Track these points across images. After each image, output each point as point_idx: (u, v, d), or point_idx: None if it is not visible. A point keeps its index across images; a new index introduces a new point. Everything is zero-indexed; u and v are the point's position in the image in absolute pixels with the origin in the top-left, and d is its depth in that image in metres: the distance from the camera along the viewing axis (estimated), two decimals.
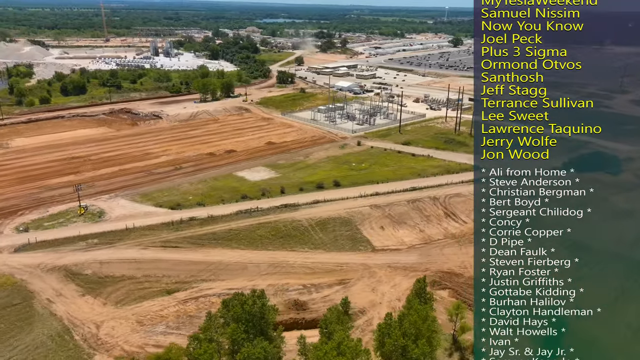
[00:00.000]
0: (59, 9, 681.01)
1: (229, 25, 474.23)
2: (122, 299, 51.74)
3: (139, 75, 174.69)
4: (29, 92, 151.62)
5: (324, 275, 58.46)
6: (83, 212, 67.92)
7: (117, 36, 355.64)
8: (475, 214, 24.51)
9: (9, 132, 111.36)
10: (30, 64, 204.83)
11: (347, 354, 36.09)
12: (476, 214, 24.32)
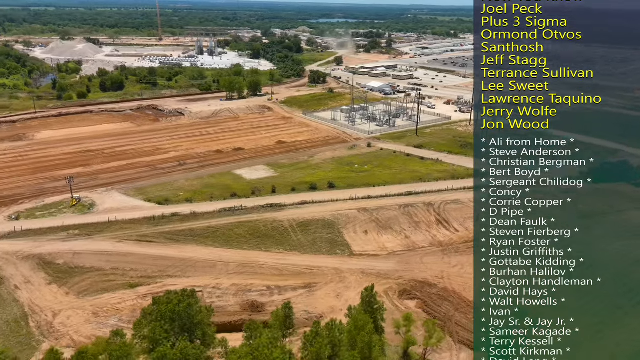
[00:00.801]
0: (126, 9, 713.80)
1: (282, 25, 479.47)
2: (85, 289, 53.05)
3: (175, 73, 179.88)
4: (70, 87, 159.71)
5: (291, 278, 57.49)
6: (75, 203, 70.36)
7: (172, 35, 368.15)
8: (475, 182, 25.26)
9: (39, 125, 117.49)
10: (80, 61, 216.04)
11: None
12: (476, 182, 25.00)
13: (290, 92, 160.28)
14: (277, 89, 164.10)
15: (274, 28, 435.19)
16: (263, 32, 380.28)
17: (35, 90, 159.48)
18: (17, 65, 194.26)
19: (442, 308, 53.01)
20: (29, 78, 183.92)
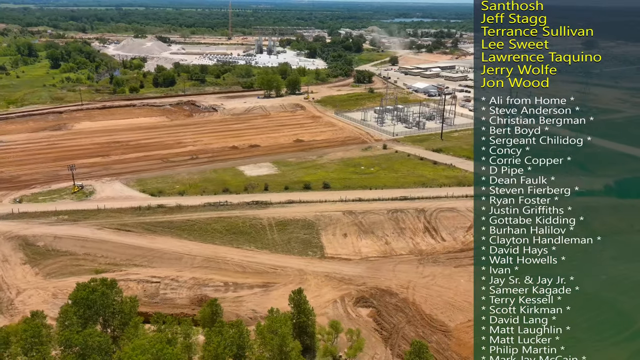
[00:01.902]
0: (210, 9, 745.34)
1: (353, 25, 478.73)
2: (54, 272, 56.06)
3: (224, 70, 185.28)
4: (125, 82, 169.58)
5: (252, 276, 57.32)
6: (76, 190, 74.55)
7: (242, 35, 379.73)
8: (475, 144, 25.20)
9: (83, 116, 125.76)
10: (145, 58, 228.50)
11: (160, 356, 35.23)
12: (476, 145, 25.04)
13: (330, 92, 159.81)
14: (319, 88, 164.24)
15: (344, 28, 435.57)
16: (329, 32, 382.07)
17: (95, 84, 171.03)
18: (86, 60, 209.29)
19: (394, 319, 50.51)
20: (95, 72, 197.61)
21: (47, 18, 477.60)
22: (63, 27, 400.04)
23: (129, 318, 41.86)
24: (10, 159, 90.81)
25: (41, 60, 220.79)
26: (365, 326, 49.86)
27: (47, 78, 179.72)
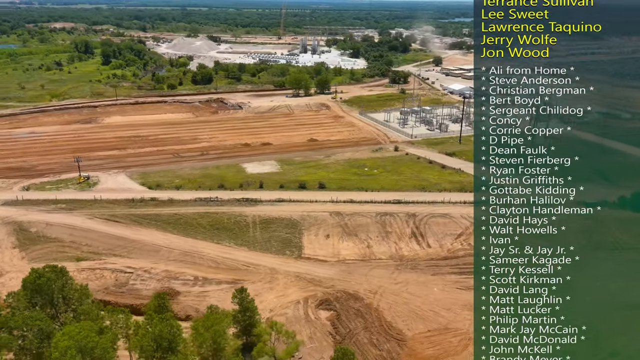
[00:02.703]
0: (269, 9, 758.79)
1: (408, 25, 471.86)
2: (39, 257, 58.92)
3: (261, 69, 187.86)
4: (165, 79, 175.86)
5: (224, 272, 57.77)
6: (82, 181, 78.07)
7: (294, 35, 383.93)
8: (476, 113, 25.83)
9: (115, 111, 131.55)
10: (192, 56, 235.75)
11: (83, 342, 36.30)
12: (476, 108, 25.97)
13: (361, 92, 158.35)
14: (350, 88, 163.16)
15: (399, 27, 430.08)
16: (380, 32, 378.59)
17: (138, 81, 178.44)
18: (136, 58, 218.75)
19: (352, 324, 49.32)
20: (143, 69, 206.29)
21: (113, 17, 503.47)
22: (125, 26, 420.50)
23: (79, 304, 43.29)
24: (35, 149, 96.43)
25: (95, 57, 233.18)
26: (321, 329, 49.06)
27: (95, 74, 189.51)
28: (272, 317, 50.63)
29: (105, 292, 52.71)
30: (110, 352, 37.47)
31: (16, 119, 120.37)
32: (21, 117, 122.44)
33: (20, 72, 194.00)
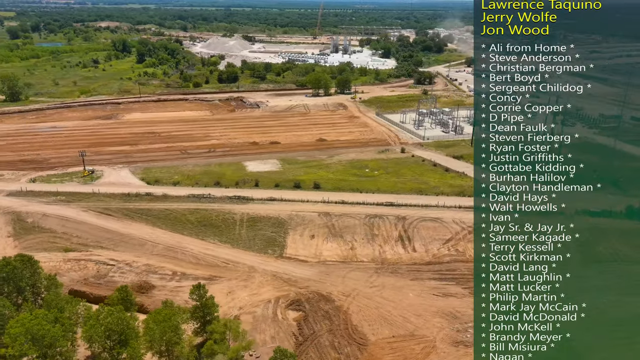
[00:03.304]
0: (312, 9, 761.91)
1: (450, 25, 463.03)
2: (31, 246, 61.21)
3: (286, 68, 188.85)
4: (193, 77, 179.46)
5: (203, 268, 58.37)
6: (86, 174, 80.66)
7: (332, 34, 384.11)
8: (476, 87, 26.02)
9: (138, 108, 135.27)
10: (223, 56, 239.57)
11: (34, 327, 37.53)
12: (476, 88, 25.73)
13: (382, 92, 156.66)
14: (372, 88, 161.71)
15: (439, 27, 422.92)
16: (417, 32, 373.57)
17: (166, 79, 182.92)
18: (169, 57, 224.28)
19: (317, 326, 48.79)
20: (175, 68, 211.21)
21: (158, 17, 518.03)
22: (167, 26, 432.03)
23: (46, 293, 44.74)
24: (51, 143, 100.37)
25: (131, 56, 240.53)
26: (286, 330, 48.78)
27: (128, 72, 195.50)
28: (241, 314, 50.86)
29: (82, 283, 54.20)
30: (60, 341, 38.45)
31: (42, 114, 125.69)
32: (47, 112, 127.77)
33: (58, 68, 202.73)
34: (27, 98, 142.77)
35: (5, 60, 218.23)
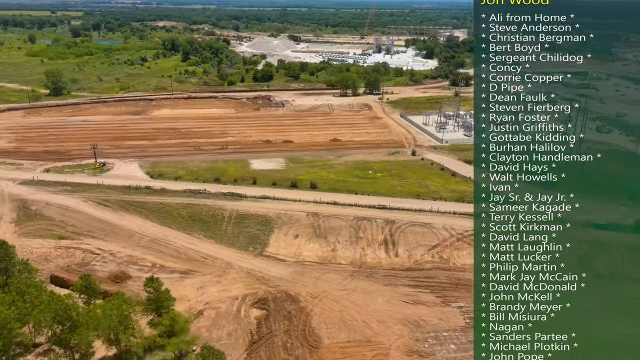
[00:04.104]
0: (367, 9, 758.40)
1: None
2: (28, 233, 64.69)
3: (320, 68, 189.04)
4: (229, 76, 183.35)
5: (181, 262, 59.48)
6: (97, 166, 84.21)
7: (381, 34, 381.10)
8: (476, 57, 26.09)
9: (168, 104, 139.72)
10: (265, 55, 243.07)
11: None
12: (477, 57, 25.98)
13: (414, 93, 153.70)
14: (404, 89, 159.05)
15: None
16: (469, 32, 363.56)
17: (204, 77, 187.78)
18: (211, 55, 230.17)
19: (275, 326, 48.56)
20: (217, 67, 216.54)
21: (214, 17, 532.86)
22: (221, 26, 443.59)
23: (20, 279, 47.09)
24: (77, 136, 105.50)
25: (178, 54, 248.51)
26: (245, 328, 48.82)
27: (171, 70, 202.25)
28: (205, 309, 51.51)
29: (64, 270, 56.57)
30: (12, 323, 40.35)
31: (78, 108, 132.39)
32: (83, 106, 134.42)
33: (107, 65, 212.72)
34: (69, 93, 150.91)
35: (61, 57, 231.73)
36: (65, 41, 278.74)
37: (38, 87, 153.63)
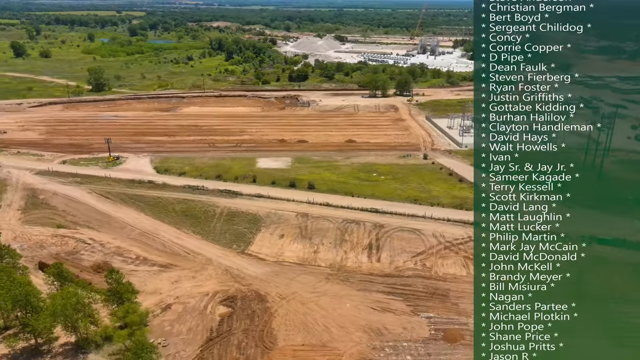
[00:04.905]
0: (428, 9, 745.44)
1: None
2: (31, 220, 68.09)
3: (356, 68, 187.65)
4: (266, 75, 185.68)
5: (164, 256, 60.58)
6: (111, 160, 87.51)
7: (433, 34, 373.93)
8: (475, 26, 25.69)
9: (199, 102, 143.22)
10: (306, 55, 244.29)
11: None
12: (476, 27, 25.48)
13: (446, 95, 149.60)
14: (438, 91, 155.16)
15: None
16: None
17: (242, 76, 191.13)
18: (253, 55, 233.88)
19: (236, 324, 48.48)
20: (259, 66, 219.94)
21: (269, 18, 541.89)
22: (273, 26, 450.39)
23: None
24: (104, 130, 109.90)
25: (223, 54, 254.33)
26: (206, 324, 48.96)
27: (212, 68, 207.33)
28: (174, 303, 52.23)
29: (53, 257, 59.01)
30: None
31: (113, 104, 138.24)
32: (118, 102, 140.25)
33: (153, 64, 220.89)
34: (109, 89, 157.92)
35: (112, 54, 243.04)
36: (120, 40, 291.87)
37: (83, 83, 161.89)
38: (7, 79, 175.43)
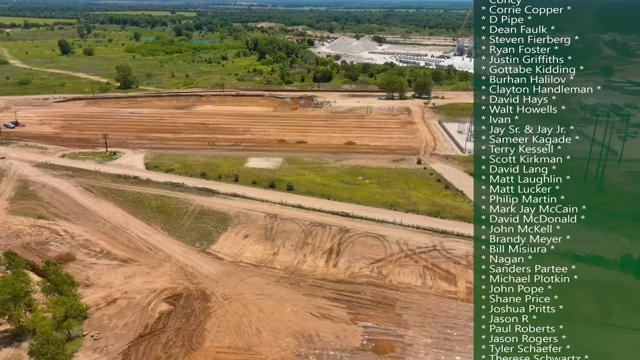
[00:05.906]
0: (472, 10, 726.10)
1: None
2: (16, 210, 70.99)
3: (382, 70, 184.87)
4: (291, 75, 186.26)
5: (127, 250, 61.61)
6: (108, 154, 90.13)
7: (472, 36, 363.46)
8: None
9: (216, 100, 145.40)
10: (338, 56, 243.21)
11: None
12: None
13: (465, 99, 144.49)
14: (459, 94, 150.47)
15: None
16: None
17: (267, 76, 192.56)
18: (285, 55, 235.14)
19: (171, 322, 48.52)
20: (290, 66, 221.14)
21: (315, 19, 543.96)
22: (316, 27, 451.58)
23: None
24: (116, 125, 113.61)
25: (256, 54, 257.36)
26: (143, 321, 49.18)
27: (241, 68, 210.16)
28: (119, 298, 52.90)
29: (22, 247, 61.30)
30: None
31: (134, 101, 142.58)
32: (139, 99, 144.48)
33: (187, 63, 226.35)
34: (137, 86, 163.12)
35: (152, 53, 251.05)
36: (162, 39, 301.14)
37: (115, 80, 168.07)
38: (47, 75, 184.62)
